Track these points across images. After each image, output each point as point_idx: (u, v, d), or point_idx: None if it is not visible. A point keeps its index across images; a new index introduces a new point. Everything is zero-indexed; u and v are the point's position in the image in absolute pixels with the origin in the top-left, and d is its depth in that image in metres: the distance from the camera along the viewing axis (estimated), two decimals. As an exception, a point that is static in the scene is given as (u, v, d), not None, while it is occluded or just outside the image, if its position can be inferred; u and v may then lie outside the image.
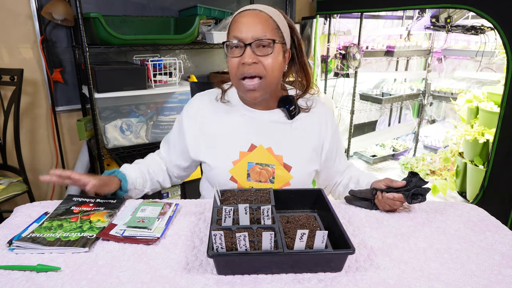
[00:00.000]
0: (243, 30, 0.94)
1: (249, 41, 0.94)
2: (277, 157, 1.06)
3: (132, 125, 2.02)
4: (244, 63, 0.95)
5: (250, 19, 0.96)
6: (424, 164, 3.12)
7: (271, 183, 1.06)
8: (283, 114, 1.09)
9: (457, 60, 3.46)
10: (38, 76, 2.12)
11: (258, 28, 0.94)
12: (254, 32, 0.94)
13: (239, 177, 1.06)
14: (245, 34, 0.94)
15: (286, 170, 1.06)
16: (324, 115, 1.13)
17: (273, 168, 1.06)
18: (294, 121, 1.09)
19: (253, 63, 0.95)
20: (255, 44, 0.94)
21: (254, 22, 0.95)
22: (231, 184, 1.06)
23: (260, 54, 0.95)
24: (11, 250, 0.79)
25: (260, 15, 0.96)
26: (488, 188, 1.92)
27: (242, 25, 0.95)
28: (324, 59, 3.03)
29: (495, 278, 0.72)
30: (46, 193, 2.32)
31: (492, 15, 1.74)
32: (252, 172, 1.05)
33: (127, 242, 0.83)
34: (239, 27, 0.95)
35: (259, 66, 0.96)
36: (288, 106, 1.07)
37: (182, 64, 2.12)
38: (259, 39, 0.94)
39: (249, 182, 1.06)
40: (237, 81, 0.99)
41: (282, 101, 1.08)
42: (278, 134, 1.07)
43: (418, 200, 0.93)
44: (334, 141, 1.14)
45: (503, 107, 1.76)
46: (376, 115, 3.85)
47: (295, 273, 0.72)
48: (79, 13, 1.67)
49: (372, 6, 2.43)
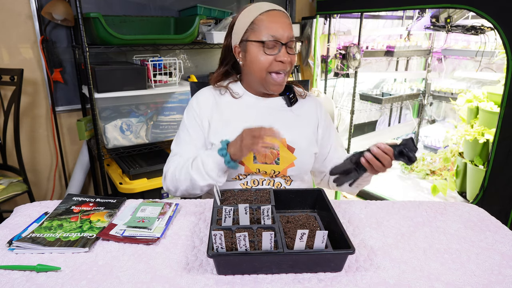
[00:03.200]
0: (279, 30, 1.04)
1: (285, 40, 1.05)
2: (281, 140, 1.12)
3: (132, 125, 2.02)
4: (281, 61, 1.05)
5: (283, 20, 1.06)
6: (424, 164, 3.12)
7: (276, 165, 1.11)
8: (283, 102, 1.18)
9: (457, 60, 3.46)
10: (38, 76, 2.12)
11: (290, 29, 1.06)
12: (288, 32, 1.05)
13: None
14: (282, 34, 1.04)
15: (290, 152, 1.12)
16: (317, 103, 1.24)
17: (277, 150, 1.11)
18: (293, 108, 1.18)
19: (288, 61, 1.06)
20: (288, 44, 1.05)
21: (287, 23, 1.06)
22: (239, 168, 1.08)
23: (291, 53, 1.07)
24: (11, 250, 0.79)
25: (285, 16, 1.08)
26: (488, 188, 1.91)
27: (278, 25, 1.05)
28: (324, 59, 3.03)
29: (495, 278, 0.72)
30: (46, 193, 2.32)
31: (492, 15, 1.74)
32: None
33: (127, 242, 0.83)
34: (275, 27, 1.04)
35: (288, 64, 1.07)
36: (288, 94, 1.17)
37: (182, 64, 2.12)
38: (291, 40, 1.06)
39: (255, 164, 1.10)
40: (265, 75, 1.08)
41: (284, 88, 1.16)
42: (280, 119, 1.15)
43: (404, 160, 0.93)
44: (327, 129, 1.22)
45: (503, 107, 1.76)
46: (376, 115, 3.85)
47: (295, 273, 0.73)
48: (79, 13, 1.67)
49: (372, 6, 2.43)
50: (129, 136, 2.03)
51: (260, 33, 1.05)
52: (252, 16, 1.06)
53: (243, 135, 0.98)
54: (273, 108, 1.17)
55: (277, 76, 1.08)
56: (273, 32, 1.04)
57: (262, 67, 1.07)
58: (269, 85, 1.10)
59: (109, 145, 1.98)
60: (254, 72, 1.09)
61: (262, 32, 1.04)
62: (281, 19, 1.06)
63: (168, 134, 2.14)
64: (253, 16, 1.06)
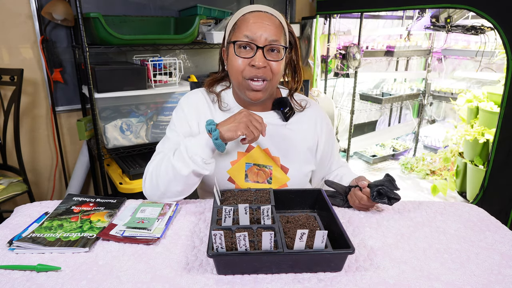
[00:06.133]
0: (256, 31, 0.93)
1: (262, 44, 0.94)
2: (275, 159, 1.07)
3: (132, 125, 2.03)
4: (254, 66, 0.94)
5: (264, 21, 0.95)
6: (424, 164, 3.12)
7: (269, 184, 1.06)
8: (278, 116, 1.09)
9: (457, 60, 3.46)
10: (38, 76, 2.12)
11: (271, 33, 0.94)
12: (267, 35, 0.94)
13: (237, 178, 1.05)
14: (259, 35, 0.93)
15: (283, 172, 1.07)
16: (319, 115, 1.13)
17: (270, 169, 1.06)
18: (289, 123, 1.09)
19: (263, 67, 0.94)
20: (266, 48, 0.94)
21: (268, 25, 0.94)
22: (229, 185, 1.06)
23: (270, 59, 0.95)
24: (11, 250, 0.79)
25: (272, 19, 0.96)
26: (488, 188, 1.92)
27: (256, 25, 0.94)
28: (324, 59, 3.04)
29: (495, 278, 0.73)
30: (46, 193, 2.32)
31: (492, 15, 1.74)
32: (250, 173, 1.05)
33: (127, 242, 0.83)
34: (252, 27, 0.94)
35: (268, 70, 0.95)
36: (283, 109, 1.07)
37: (182, 64, 2.12)
38: (271, 44, 0.94)
39: (247, 183, 1.06)
40: (241, 80, 0.98)
41: (277, 103, 1.08)
42: (274, 135, 1.07)
43: (382, 201, 0.92)
44: (329, 142, 1.15)
45: (503, 107, 1.76)
46: (376, 115, 3.85)
47: (295, 273, 0.73)
48: (79, 13, 1.67)
49: (372, 6, 2.44)
50: (129, 136, 2.03)
51: (239, 33, 0.96)
52: (237, 16, 0.99)
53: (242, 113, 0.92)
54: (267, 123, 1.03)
55: (256, 82, 0.96)
56: (249, 32, 0.93)
57: (236, 70, 0.96)
58: (246, 91, 0.98)
59: (109, 145, 1.99)
60: (232, 76, 1.01)
61: (240, 33, 0.95)
62: (264, 20, 0.95)
63: (168, 134, 2.14)
64: (238, 16, 0.99)
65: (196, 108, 1.06)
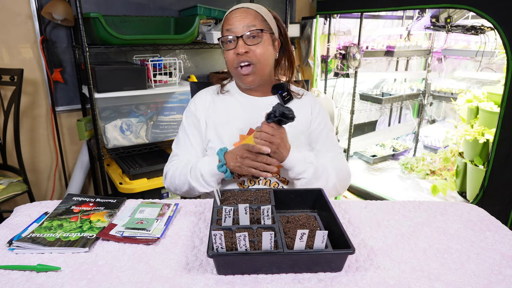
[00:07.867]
0: (234, 24, 1.06)
1: (240, 33, 1.06)
2: None
3: (132, 125, 2.02)
4: (238, 54, 1.06)
5: (239, 14, 1.08)
6: (424, 164, 3.12)
7: None
8: (277, 100, 1.18)
9: (457, 60, 3.45)
10: (38, 76, 2.12)
11: (247, 21, 1.06)
12: (243, 24, 1.06)
13: None
14: (236, 28, 1.06)
15: None
16: (315, 102, 1.24)
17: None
18: None
19: (245, 52, 1.06)
20: (245, 35, 1.05)
21: (243, 16, 1.07)
22: None
23: (251, 44, 1.06)
24: (11, 250, 0.79)
25: (247, 10, 1.08)
26: (488, 188, 1.91)
27: (233, 19, 1.07)
28: (324, 59, 3.03)
29: (495, 278, 0.72)
30: (46, 193, 2.32)
31: (492, 15, 1.74)
32: None
33: (127, 242, 0.83)
34: (230, 22, 1.07)
35: (251, 55, 1.07)
36: (281, 92, 1.17)
37: (182, 64, 2.12)
38: (249, 31, 1.05)
39: None
40: (234, 70, 1.11)
41: (275, 87, 1.18)
42: None
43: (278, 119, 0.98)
44: (321, 124, 1.21)
45: (503, 107, 1.76)
46: (376, 115, 3.85)
47: (295, 273, 0.73)
48: (79, 13, 1.67)
49: (372, 6, 2.43)
50: (129, 136, 2.03)
51: (223, 31, 1.10)
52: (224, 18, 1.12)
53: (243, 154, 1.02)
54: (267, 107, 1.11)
55: (244, 68, 1.09)
56: (229, 27, 1.07)
57: (229, 63, 1.11)
58: (240, 78, 1.12)
59: (109, 145, 1.98)
60: (229, 70, 1.15)
61: (223, 30, 1.09)
62: (240, 13, 1.07)
63: (168, 134, 2.15)
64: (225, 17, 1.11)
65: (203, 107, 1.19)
